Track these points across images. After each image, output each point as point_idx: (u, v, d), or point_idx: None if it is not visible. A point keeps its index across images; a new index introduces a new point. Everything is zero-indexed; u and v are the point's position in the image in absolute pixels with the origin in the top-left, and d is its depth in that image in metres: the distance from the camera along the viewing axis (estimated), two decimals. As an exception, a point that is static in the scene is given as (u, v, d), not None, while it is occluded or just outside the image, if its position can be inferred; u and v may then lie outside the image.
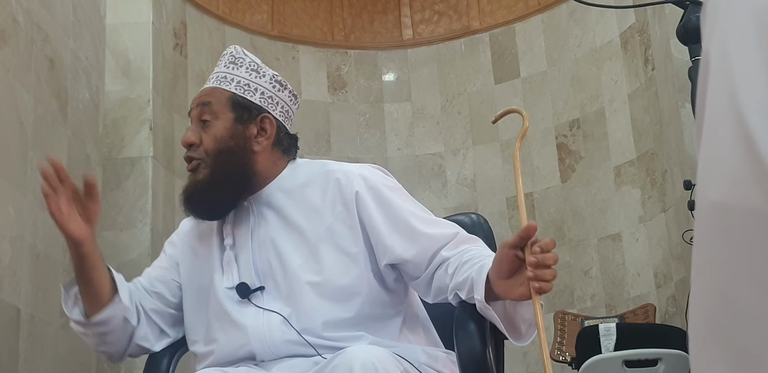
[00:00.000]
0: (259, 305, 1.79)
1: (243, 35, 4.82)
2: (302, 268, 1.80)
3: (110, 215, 3.63)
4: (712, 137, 0.57)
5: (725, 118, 0.56)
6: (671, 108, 3.91)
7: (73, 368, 2.84)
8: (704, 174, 0.57)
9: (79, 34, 3.07)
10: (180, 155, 4.25)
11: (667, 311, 4.06)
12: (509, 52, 5.01)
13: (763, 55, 0.56)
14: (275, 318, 1.76)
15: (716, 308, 0.57)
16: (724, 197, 0.55)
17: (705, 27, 0.64)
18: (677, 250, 3.95)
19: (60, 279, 2.76)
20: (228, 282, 1.83)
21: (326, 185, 1.85)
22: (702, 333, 0.57)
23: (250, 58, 1.92)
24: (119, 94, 3.81)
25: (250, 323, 1.77)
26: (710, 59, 0.60)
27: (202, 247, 1.92)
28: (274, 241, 1.84)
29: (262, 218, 1.87)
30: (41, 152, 2.67)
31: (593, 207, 4.54)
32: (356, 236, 1.80)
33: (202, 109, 1.86)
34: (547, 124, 4.78)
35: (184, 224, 2.03)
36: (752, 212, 0.54)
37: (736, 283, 0.55)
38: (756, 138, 0.54)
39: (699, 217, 0.58)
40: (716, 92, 0.57)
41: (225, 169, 1.83)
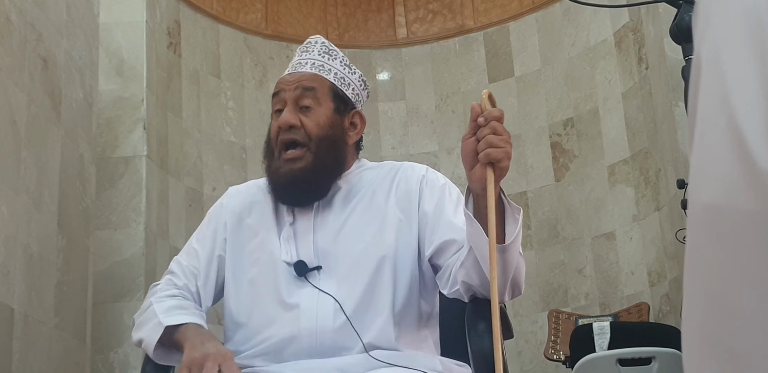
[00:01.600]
0: (315, 285, 1.75)
1: (237, 34, 4.82)
2: (363, 254, 1.79)
3: (104, 214, 3.63)
4: (704, 139, 0.57)
5: (717, 120, 0.56)
6: (665, 107, 3.92)
7: (67, 368, 2.83)
8: (696, 176, 0.57)
9: (72, 33, 3.06)
10: (174, 154, 4.26)
11: (661, 310, 4.07)
12: (503, 51, 5.01)
13: (754, 57, 0.56)
14: (329, 302, 1.73)
15: (708, 310, 0.57)
16: (717, 198, 0.55)
17: (696, 28, 0.64)
18: (671, 248, 3.96)
19: (53, 278, 2.76)
20: (287, 257, 1.79)
21: (392, 178, 1.87)
22: (694, 336, 0.57)
23: (341, 53, 1.95)
24: (113, 94, 3.80)
25: (304, 304, 1.74)
26: (702, 60, 0.60)
27: (256, 220, 1.87)
28: (336, 226, 1.82)
29: (328, 203, 1.85)
30: (35, 152, 2.66)
31: (587, 206, 4.55)
32: (413, 228, 1.81)
33: (303, 93, 1.83)
34: (541, 123, 4.79)
35: (232, 195, 1.95)
36: (744, 214, 0.54)
37: (728, 285, 0.55)
38: (748, 140, 0.54)
39: (691, 219, 0.58)
40: (708, 93, 0.57)
41: (328, 156, 1.82)
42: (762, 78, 0.56)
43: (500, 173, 1.58)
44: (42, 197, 2.69)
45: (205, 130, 4.47)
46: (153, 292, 1.87)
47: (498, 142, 1.56)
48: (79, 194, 3.03)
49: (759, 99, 0.55)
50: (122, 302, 3.55)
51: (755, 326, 0.53)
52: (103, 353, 3.46)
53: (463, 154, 1.62)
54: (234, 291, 1.84)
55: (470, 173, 1.61)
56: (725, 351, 0.55)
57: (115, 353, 3.48)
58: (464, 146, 1.61)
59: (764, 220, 0.53)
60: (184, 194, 4.20)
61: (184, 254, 1.92)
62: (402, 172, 1.89)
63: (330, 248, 1.80)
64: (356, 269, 1.78)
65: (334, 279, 1.77)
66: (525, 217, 4.70)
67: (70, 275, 2.88)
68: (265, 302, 1.78)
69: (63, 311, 2.79)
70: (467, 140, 1.61)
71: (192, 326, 1.73)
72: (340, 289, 1.76)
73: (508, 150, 1.58)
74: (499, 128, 1.58)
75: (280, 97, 1.85)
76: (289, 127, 1.80)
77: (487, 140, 1.57)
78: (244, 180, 4.71)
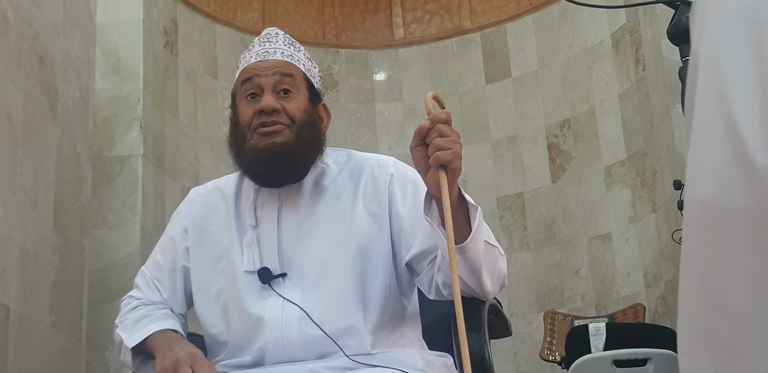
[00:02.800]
0: (280, 294, 1.71)
1: (234, 34, 4.82)
2: (331, 260, 1.74)
3: (100, 213, 3.63)
4: (701, 136, 0.57)
5: (714, 118, 0.56)
6: (662, 108, 3.92)
7: (63, 367, 2.83)
8: (693, 173, 0.57)
9: (69, 31, 3.06)
10: (170, 153, 4.26)
11: (657, 311, 4.07)
12: (500, 51, 5.02)
13: (751, 55, 0.56)
14: (294, 312, 1.69)
15: (704, 307, 0.57)
16: (713, 196, 0.55)
17: (694, 27, 0.64)
18: (667, 250, 3.96)
19: (49, 277, 2.75)
20: (248, 265, 1.75)
21: (359, 175, 1.83)
22: (689, 333, 0.57)
23: (303, 48, 1.91)
24: (109, 93, 3.80)
25: (268, 315, 1.70)
26: (699, 59, 0.60)
27: (218, 228, 1.83)
28: (302, 230, 1.77)
29: (291, 203, 1.80)
30: (31, 150, 2.66)
31: (584, 207, 4.55)
32: (384, 231, 1.78)
33: (282, 79, 1.79)
34: (538, 124, 4.79)
35: (193, 199, 1.92)
36: (740, 211, 0.54)
37: (724, 282, 0.55)
38: (745, 137, 0.54)
39: (688, 216, 0.58)
40: (705, 92, 0.58)
41: (309, 138, 1.78)
42: (759, 77, 0.56)
43: (453, 174, 1.57)
44: (38, 196, 2.69)
45: (202, 130, 4.47)
46: (120, 311, 1.89)
47: (445, 144, 1.55)
48: (75, 193, 3.02)
49: (756, 97, 0.55)
50: (118, 301, 3.51)
51: (750, 323, 0.53)
52: (99, 352, 3.46)
53: (415, 163, 1.61)
54: (202, 303, 1.81)
55: (425, 179, 1.61)
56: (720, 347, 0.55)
57: (110, 352, 3.48)
58: (414, 155, 1.60)
59: (760, 217, 0.53)
60: (180, 193, 4.20)
61: (149, 264, 1.91)
62: (368, 171, 1.84)
63: (295, 253, 1.75)
64: (324, 276, 1.73)
65: (299, 287, 1.73)
66: (521, 218, 4.70)
67: (66, 274, 2.88)
68: (231, 314, 1.75)
69: (59, 310, 2.79)
70: (415, 148, 1.60)
71: (157, 335, 1.72)
72: (307, 297, 1.71)
73: (456, 150, 1.56)
74: (446, 130, 1.57)
75: (253, 82, 1.80)
76: (272, 111, 1.76)
77: (434, 144, 1.56)
78: (241, 180, 4.71)
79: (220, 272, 1.79)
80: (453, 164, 1.56)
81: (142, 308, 1.83)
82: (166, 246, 1.89)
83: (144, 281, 1.89)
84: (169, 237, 1.90)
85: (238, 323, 1.74)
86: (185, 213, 1.90)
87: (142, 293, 1.88)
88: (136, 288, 1.90)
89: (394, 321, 1.79)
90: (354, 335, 1.70)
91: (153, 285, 1.87)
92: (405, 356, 1.71)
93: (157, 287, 1.86)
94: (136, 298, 1.87)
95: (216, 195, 1.89)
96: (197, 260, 1.83)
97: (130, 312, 1.85)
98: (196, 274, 1.83)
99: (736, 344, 0.54)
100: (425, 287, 1.78)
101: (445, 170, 1.56)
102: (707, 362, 0.55)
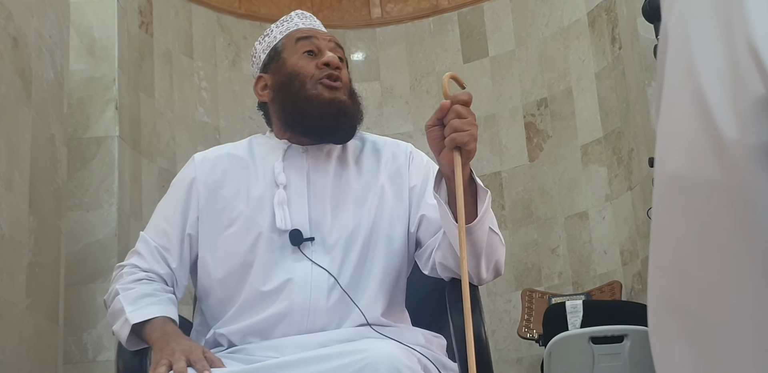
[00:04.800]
0: (309, 258, 1.71)
1: (210, 13, 4.78)
2: (358, 229, 1.76)
3: (76, 195, 3.60)
4: (670, 110, 0.57)
5: (683, 91, 0.56)
6: (638, 87, 3.93)
7: (40, 349, 2.82)
8: (662, 147, 0.58)
9: (42, 12, 3.03)
10: (147, 135, 4.22)
11: (633, 288, 4.10)
12: (477, 31, 5.01)
13: (720, 28, 0.56)
14: (323, 276, 1.70)
15: (674, 280, 0.57)
16: (682, 169, 0.56)
17: (665, 2, 0.64)
18: (643, 228, 3.98)
19: (25, 260, 2.74)
20: (281, 224, 1.73)
21: (379, 152, 1.88)
22: (660, 305, 0.58)
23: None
24: (84, 73, 3.77)
25: (297, 277, 1.70)
26: (669, 32, 0.60)
27: (228, 188, 1.82)
28: (331, 196, 1.78)
29: (320, 168, 1.81)
30: (5, 132, 2.64)
31: (560, 186, 4.57)
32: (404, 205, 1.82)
33: (336, 49, 1.87)
34: (515, 104, 4.79)
35: (200, 163, 1.88)
36: (709, 185, 0.54)
37: (693, 255, 0.56)
38: (713, 110, 0.54)
39: (657, 190, 0.59)
40: (674, 65, 0.58)
41: (358, 107, 1.85)
42: (728, 49, 0.56)
43: (468, 156, 1.60)
44: (13, 178, 2.67)
45: (178, 111, 4.45)
46: (119, 275, 1.81)
47: (462, 125, 1.58)
48: (50, 174, 3.00)
49: (725, 70, 0.55)
50: (95, 283, 3.53)
51: (719, 295, 0.54)
52: (76, 335, 3.45)
53: (430, 141, 1.64)
54: (212, 268, 1.78)
55: (439, 158, 1.64)
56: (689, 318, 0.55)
57: (88, 334, 3.47)
58: (429, 133, 1.63)
59: (729, 190, 0.53)
60: (156, 174, 4.18)
61: (152, 232, 1.85)
62: (388, 149, 1.89)
63: (324, 219, 1.76)
64: (351, 244, 1.75)
65: (326, 253, 1.73)
66: (499, 197, 4.71)
67: (42, 256, 2.86)
68: (252, 276, 1.72)
69: (35, 293, 2.78)
70: (432, 127, 1.63)
71: (157, 324, 1.69)
72: (333, 264, 1.72)
73: (473, 132, 1.59)
74: (463, 111, 1.59)
75: (311, 41, 1.85)
76: (336, 68, 1.81)
77: (451, 125, 1.59)
78: (218, 161, 4.68)
79: (237, 233, 1.77)
80: (469, 146, 1.59)
81: (148, 284, 1.78)
82: (174, 213, 1.84)
83: (148, 249, 1.82)
84: (175, 203, 1.85)
85: (259, 284, 1.71)
86: (193, 177, 1.86)
87: (146, 264, 1.81)
88: (138, 256, 1.82)
89: (400, 295, 1.83)
90: (373, 305, 1.72)
91: (158, 255, 1.81)
92: (408, 333, 1.72)
93: (163, 257, 1.81)
94: (141, 269, 1.80)
95: (226, 159, 1.87)
96: (211, 223, 1.80)
97: (135, 283, 1.77)
98: (208, 237, 1.80)
99: (706, 316, 0.55)
100: (422, 261, 1.82)
101: (460, 152, 1.59)
102: (677, 333, 0.56)
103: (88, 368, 3.44)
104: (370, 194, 1.81)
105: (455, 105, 1.60)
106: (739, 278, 0.52)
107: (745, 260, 0.51)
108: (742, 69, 0.54)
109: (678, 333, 0.55)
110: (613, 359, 3.22)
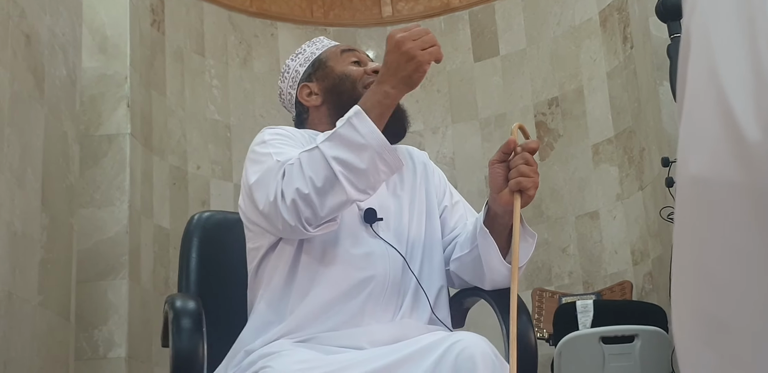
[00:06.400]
0: (382, 237, 1.77)
1: (221, 12, 4.79)
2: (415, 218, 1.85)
3: (88, 192, 3.62)
4: (692, 112, 0.57)
5: (706, 94, 0.56)
6: (649, 86, 3.92)
7: (51, 346, 2.83)
8: (685, 149, 0.58)
9: (55, 9, 3.03)
10: (158, 132, 4.23)
11: (644, 288, 4.10)
12: (489, 30, 5.00)
13: (743, 31, 0.56)
14: (397, 256, 1.76)
15: (697, 283, 0.57)
16: (704, 171, 0.55)
17: (686, 3, 0.64)
18: (654, 227, 3.98)
19: (37, 256, 2.75)
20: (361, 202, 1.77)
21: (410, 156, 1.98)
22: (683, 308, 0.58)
23: None
24: (96, 71, 3.78)
25: (377, 252, 1.75)
26: (691, 35, 0.60)
27: None
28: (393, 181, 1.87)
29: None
30: (18, 129, 2.65)
31: (571, 185, 4.56)
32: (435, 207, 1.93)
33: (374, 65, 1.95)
34: (526, 103, 4.79)
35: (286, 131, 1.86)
36: (732, 186, 0.54)
37: (716, 258, 0.56)
38: (736, 113, 0.54)
39: (680, 191, 0.59)
40: (697, 68, 0.58)
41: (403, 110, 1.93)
42: (750, 52, 0.56)
43: (527, 201, 1.72)
44: (25, 175, 2.68)
45: (189, 109, 4.45)
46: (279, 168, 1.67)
47: (529, 172, 1.70)
48: (62, 171, 3.01)
49: (747, 73, 0.55)
50: (106, 280, 3.54)
51: (743, 299, 0.54)
52: (87, 331, 3.46)
53: (492, 178, 1.74)
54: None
55: (497, 196, 1.73)
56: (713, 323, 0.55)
57: (99, 331, 3.48)
58: (493, 171, 1.74)
59: (751, 192, 0.53)
60: (168, 172, 4.19)
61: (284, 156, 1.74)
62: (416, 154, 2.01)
63: (387, 203, 1.84)
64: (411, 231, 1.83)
65: (392, 235, 1.80)
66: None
67: (54, 253, 2.87)
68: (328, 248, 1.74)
69: (47, 289, 2.79)
70: (497, 166, 1.74)
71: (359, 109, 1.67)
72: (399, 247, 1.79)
73: (536, 180, 1.72)
74: (531, 159, 1.72)
75: (355, 54, 1.97)
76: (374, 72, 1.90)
77: (519, 170, 1.70)
78: (229, 159, 4.71)
79: None
80: (530, 192, 1.71)
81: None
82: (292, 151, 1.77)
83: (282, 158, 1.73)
84: (295, 145, 1.80)
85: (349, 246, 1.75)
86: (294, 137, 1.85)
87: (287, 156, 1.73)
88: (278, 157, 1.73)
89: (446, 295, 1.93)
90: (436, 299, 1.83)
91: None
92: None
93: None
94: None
95: (300, 133, 1.90)
96: None
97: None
98: None
99: (729, 320, 0.54)
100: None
101: (520, 195, 1.70)
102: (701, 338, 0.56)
103: (99, 365, 3.45)
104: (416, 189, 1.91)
105: (525, 152, 1.71)
106: (762, 281, 0.52)
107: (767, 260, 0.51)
108: (765, 71, 0.54)
109: (702, 338, 0.55)
110: (624, 359, 3.21)
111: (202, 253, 2.13)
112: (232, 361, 1.74)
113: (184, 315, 1.72)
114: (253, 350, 1.69)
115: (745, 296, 0.53)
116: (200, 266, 2.12)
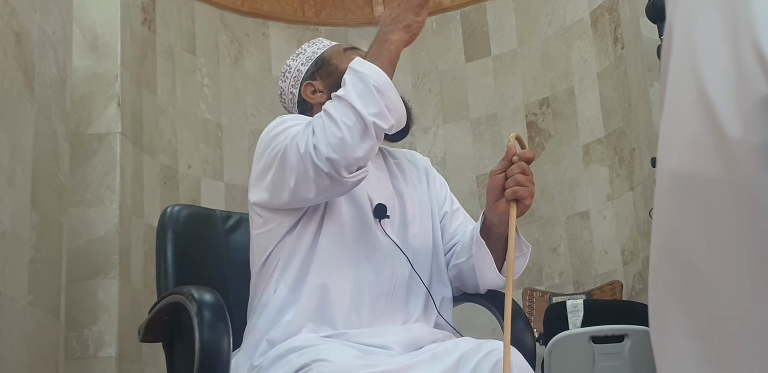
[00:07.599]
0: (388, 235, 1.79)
1: (213, 11, 4.78)
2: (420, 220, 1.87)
3: (78, 191, 3.61)
4: (673, 107, 0.57)
5: (687, 89, 0.56)
6: (640, 87, 3.93)
7: (41, 345, 2.83)
8: (665, 144, 0.58)
9: (46, 8, 3.03)
10: (149, 131, 4.22)
11: (634, 288, 4.10)
12: (480, 30, 5.01)
13: (725, 27, 0.56)
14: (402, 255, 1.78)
15: (678, 275, 0.57)
16: (685, 166, 0.56)
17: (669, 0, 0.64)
18: (644, 227, 3.99)
19: (27, 255, 2.74)
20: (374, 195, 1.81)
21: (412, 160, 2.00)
22: (662, 300, 0.58)
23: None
24: (87, 70, 3.77)
25: (384, 248, 1.78)
26: (673, 31, 0.60)
27: None
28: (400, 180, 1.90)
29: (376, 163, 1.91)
30: (7, 127, 2.64)
31: (562, 185, 4.57)
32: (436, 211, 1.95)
33: None
34: (517, 103, 4.80)
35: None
36: (712, 182, 0.55)
37: (696, 251, 0.56)
38: (716, 108, 0.54)
39: (659, 186, 0.59)
40: (678, 63, 0.58)
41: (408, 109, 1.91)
42: (732, 49, 0.56)
43: (523, 210, 1.74)
44: (15, 174, 2.68)
45: (180, 108, 4.45)
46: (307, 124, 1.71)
47: (525, 181, 1.72)
48: (52, 170, 3.01)
49: (728, 69, 0.55)
50: (96, 279, 3.53)
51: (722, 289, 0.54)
52: (78, 331, 3.46)
53: (490, 187, 1.76)
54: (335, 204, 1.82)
55: (493, 205, 1.75)
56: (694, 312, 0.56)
57: (89, 330, 3.47)
58: (492, 180, 1.76)
59: (732, 187, 0.53)
60: (158, 171, 4.18)
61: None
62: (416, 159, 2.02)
63: (394, 202, 1.86)
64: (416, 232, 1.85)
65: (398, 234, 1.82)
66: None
67: (44, 252, 2.87)
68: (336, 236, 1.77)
69: (37, 289, 2.78)
70: (496, 175, 1.76)
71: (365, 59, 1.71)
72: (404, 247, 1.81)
73: (532, 190, 1.74)
74: (527, 169, 1.74)
75: (357, 52, 1.99)
76: None
77: (515, 179, 1.72)
78: (220, 158, 4.70)
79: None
80: (526, 201, 1.73)
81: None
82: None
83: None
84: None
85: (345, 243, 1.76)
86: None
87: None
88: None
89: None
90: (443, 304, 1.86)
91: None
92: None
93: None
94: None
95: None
96: None
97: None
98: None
99: (713, 311, 0.55)
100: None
101: (516, 204, 1.71)
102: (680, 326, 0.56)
103: (89, 365, 3.44)
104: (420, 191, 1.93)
105: (521, 162, 1.74)
106: (744, 274, 0.52)
107: (749, 256, 0.52)
108: (747, 68, 0.54)
109: (681, 326, 0.56)
110: (614, 358, 3.22)
111: (177, 246, 2.14)
112: (256, 350, 1.71)
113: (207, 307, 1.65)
114: (276, 340, 1.68)
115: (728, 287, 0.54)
116: (177, 258, 2.12)
